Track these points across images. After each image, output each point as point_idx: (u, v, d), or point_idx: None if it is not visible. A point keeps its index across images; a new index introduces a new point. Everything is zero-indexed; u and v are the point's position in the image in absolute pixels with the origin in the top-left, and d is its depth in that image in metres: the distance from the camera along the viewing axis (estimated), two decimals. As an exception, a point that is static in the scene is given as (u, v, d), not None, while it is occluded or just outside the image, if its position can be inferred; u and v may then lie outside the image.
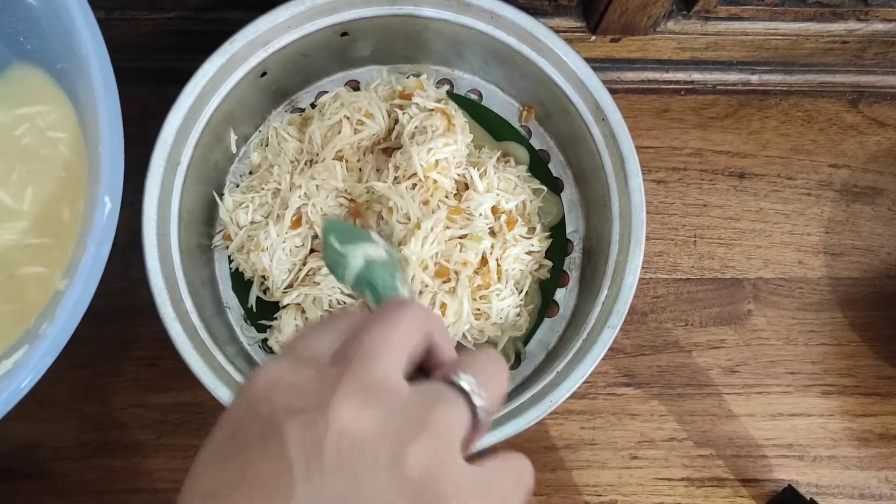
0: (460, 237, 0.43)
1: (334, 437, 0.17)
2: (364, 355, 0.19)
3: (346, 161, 0.45)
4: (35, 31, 0.35)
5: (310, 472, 0.16)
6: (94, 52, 0.31)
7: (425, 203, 0.43)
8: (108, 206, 0.29)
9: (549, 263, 0.47)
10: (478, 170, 0.44)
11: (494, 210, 0.44)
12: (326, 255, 0.32)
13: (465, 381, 0.20)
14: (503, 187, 0.45)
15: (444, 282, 0.42)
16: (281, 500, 0.16)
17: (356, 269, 0.31)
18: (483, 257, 0.43)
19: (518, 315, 0.45)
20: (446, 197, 0.44)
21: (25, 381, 0.29)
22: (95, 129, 0.31)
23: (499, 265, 0.43)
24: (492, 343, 0.46)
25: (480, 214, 0.43)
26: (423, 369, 0.22)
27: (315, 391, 0.18)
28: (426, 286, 0.42)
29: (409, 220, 0.42)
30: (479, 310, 0.43)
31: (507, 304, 0.44)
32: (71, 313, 0.29)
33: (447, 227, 0.42)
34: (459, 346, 0.45)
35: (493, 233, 0.44)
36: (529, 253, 0.45)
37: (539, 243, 0.46)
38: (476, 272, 0.43)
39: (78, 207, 0.35)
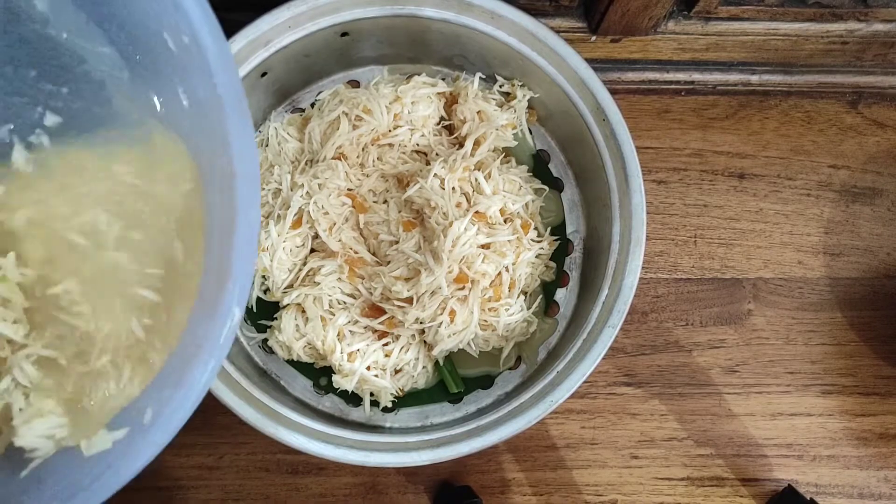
0: (484, 246, 0.43)
1: None
2: None
3: (346, 158, 0.45)
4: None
5: None
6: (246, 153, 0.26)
7: (458, 206, 0.43)
8: (238, 315, 0.27)
9: (553, 265, 0.47)
10: (482, 172, 0.44)
11: (501, 212, 0.44)
12: None
13: None
14: (508, 188, 0.45)
15: (459, 288, 0.42)
16: None
17: None
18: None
19: (525, 322, 0.45)
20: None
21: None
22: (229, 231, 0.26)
23: (512, 278, 0.44)
24: (496, 350, 0.46)
25: (502, 223, 0.44)
26: None
27: None
28: (439, 289, 0.42)
29: (447, 218, 0.43)
30: (485, 321, 0.44)
31: (514, 319, 0.44)
32: (182, 417, 0.27)
33: (477, 233, 0.42)
34: (462, 353, 0.46)
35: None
36: (539, 256, 0.45)
37: (549, 246, 0.46)
38: (489, 284, 0.43)
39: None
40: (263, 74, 0.45)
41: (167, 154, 0.31)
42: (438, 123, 0.48)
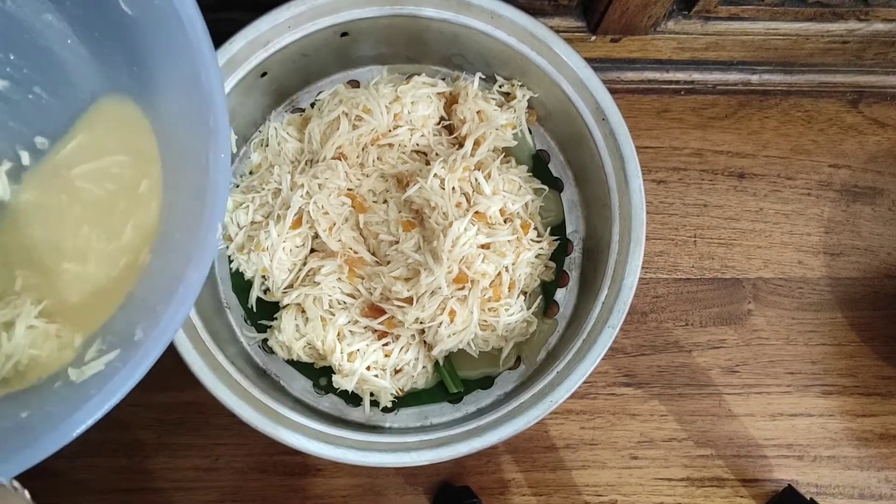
0: (483, 246, 0.43)
1: None
2: None
3: (346, 158, 0.45)
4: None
5: None
6: (213, 71, 0.30)
7: (458, 206, 0.43)
8: (219, 231, 0.30)
9: (553, 265, 0.47)
10: (482, 172, 0.44)
11: (501, 212, 0.44)
12: None
13: None
14: (508, 188, 0.45)
15: (459, 289, 0.42)
16: None
17: None
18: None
19: (525, 322, 0.45)
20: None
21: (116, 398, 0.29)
22: (201, 156, 0.30)
23: (511, 278, 0.44)
24: (496, 350, 0.46)
25: (501, 223, 0.44)
26: None
27: None
28: (439, 289, 0.42)
29: (447, 218, 0.43)
30: (485, 321, 0.43)
31: (514, 319, 0.44)
32: (173, 328, 0.29)
33: (477, 233, 0.42)
34: (462, 354, 0.46)
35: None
36: (538, 256, 0.45)
37: (548, 246, 0.46)
38: (489, 284, 0.43)
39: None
40: (263, 74, 0.45)
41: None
42: (438, 123, 0.48)
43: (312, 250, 0.46)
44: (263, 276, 0.45)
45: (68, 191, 0.35)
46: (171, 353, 0.39)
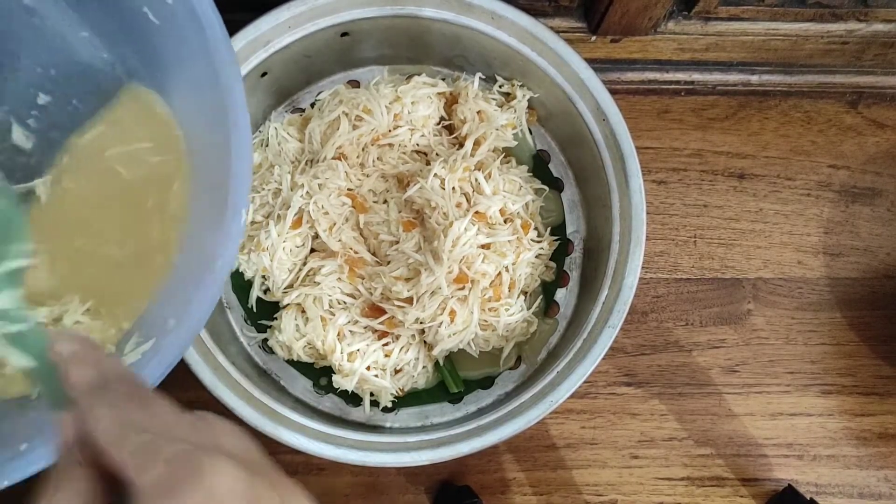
0: (484, 246, 0.43)
1: None
2: None
3: (346, 158, 0.45)
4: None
5: None
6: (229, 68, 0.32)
7: (458, 206, 0.44)
8: (244, 217, 0.31)
9: (553, 265, 0.47)
10: (483, 172, 0.44)
11: (502, 212, 0.44)
12: None
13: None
14: (508, 189, 0.45)
15: (459, 289, 0.42)
16: None
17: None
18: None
19: (525, 322, 0.45)
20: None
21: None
22: (223, 145, 0.32)
23: (512, 278, 0.44)
24: (496, 350, 0.46)
25: (502, 223, 0.44)
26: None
27: None
28: (439, 289, 0.42)
29: (447, 218, 0.43)
30: (485, 321, 0.44)
31: (514, 319, 0.44)
32: (203, 315, 0.31)
33: (477, 233, 0.42)
34: (462, 353, 0.45)
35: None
36: (539, 256, 0.45)
37: (549, 246, 0.46)
38: (489, 284, 0.43)
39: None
40: (263, 75, 0.45)
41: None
42: (438, 123, 0.48)
43: (312, 250, 0.46)
44: (263, 276, 0.45)
45: (103, 173, 0.37)
46: (172, 352, 0.39)
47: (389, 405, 0.45)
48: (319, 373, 0.46)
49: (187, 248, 0.34)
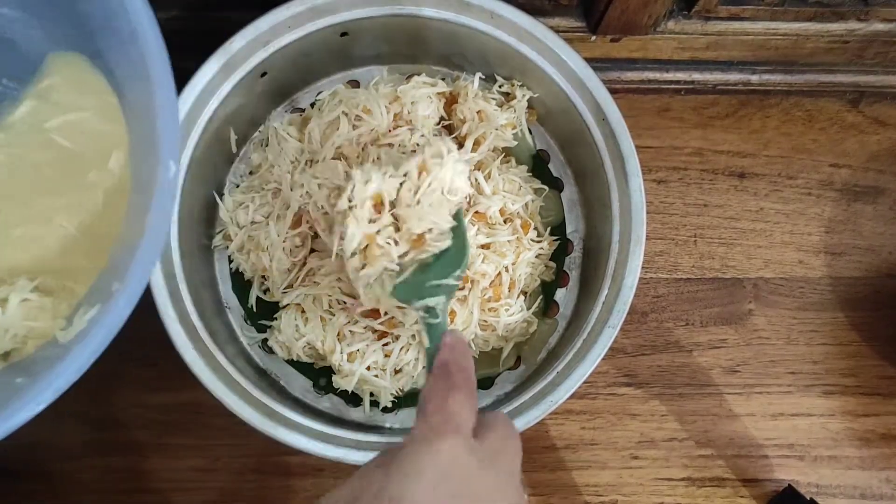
0: (484, 246, 0.43)
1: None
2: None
3: (346, 158, 0.45)
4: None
5: None
6: (147, 22, 0.32)
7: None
8: (173, 170, 0.32)
9: (553, 265, 0.47)
10: (482, 172, 0.44)
11: (501, 212, 0.44)
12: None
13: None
14: (508, 188, 0.45)
15: (459, 289, 0.42)
16: None
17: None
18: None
19: (525, 322, 0.45)
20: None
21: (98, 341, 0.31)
22: (149, 104, 0.32)
23: (511, 278, 0.44)
24: (496, 350, 0.45)
25: (501, 223, 0.43)
26: None
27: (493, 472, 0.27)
28: None
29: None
30: (485, 321, 0.43)
31: (514, 319, 0.44)
32: (143, 272, 0.31)
33: (477, 233, 0.42)
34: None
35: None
36: (538, 256, 0.45)
37: (549, 246, 0.46)
38: (489, 284, 0.43)
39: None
40: (263, 74, 0.45)
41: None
42: (438, 123, 0.48)
43: (312, 250, 0.46)
44: (263, 276, 0.45)
45: (44, 146, 0.37)
46: (171, 353, 0.39)
47: (389, 405, 0.45)
48: (319, 373, 0.46)
49: (130, 212, 0.34)
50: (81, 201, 0.36)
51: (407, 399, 0.45)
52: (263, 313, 0.46)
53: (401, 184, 0.35)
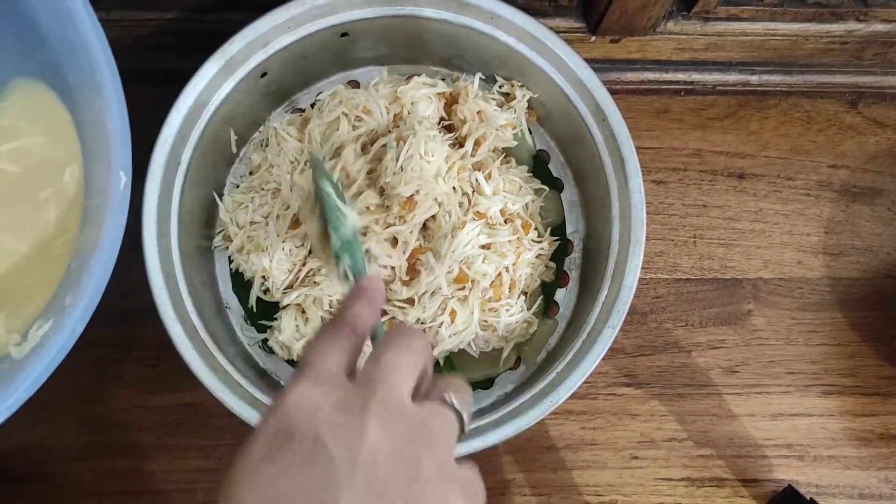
0: (484, 246, 0.43)
1: (369, 451, 0.21)
2: (384, 378, 0.24)
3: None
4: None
5: (352, 478, 0.21)
6: (96, 36, 0.33)
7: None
8: (124, 181, 0.32)
9: (553, 265, 0.47)
10: (482, 172, 0.44)
11: (502, 212, 0.44)
12: (325, 200, 0.33)
13: (456, 402, 0.25)
14: (508, 189, 0.45)
15: (459, 289, 0.42)
16: (332, 499, 0.20)
17: (350, 231, 0.33)
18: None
19: (525, 322, 0.45)
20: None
21: (53, 355, 0.31)
22: (101, 119, 0.32)
23: (512, 279, 0.44)
24: (496, 350, 0.46)
25: (502, 223, 0.44)
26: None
27: (349, 412, 0.22)
28: (439, 289, 0.42)
29: (451, 218, 0.43)
30: (486, 321, 0.43)
31: (514, 319, 0.44)
32: (96, 287, 0.32)
33: (478, 234, 0.42)
34: (462, 354, 0.45)
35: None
36: (539, 257, 0.45)
37: (549, 247, 0.46)
38: (490, 284, 0.43)
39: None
40: (263, 75, 0.45)
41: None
42: (438, 124, 0.48)
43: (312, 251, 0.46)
44: (263, 277, 0.45)
45: None
46: (171, 354, 0.39)
47: (389, 406, 0.45)
48: (319, 373, 0.46)
49: (84, 225, 0.35)
50: (33, 221, 0.36)
51: (407, 399, 0.45)
52: (263, 313, 0.46)
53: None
